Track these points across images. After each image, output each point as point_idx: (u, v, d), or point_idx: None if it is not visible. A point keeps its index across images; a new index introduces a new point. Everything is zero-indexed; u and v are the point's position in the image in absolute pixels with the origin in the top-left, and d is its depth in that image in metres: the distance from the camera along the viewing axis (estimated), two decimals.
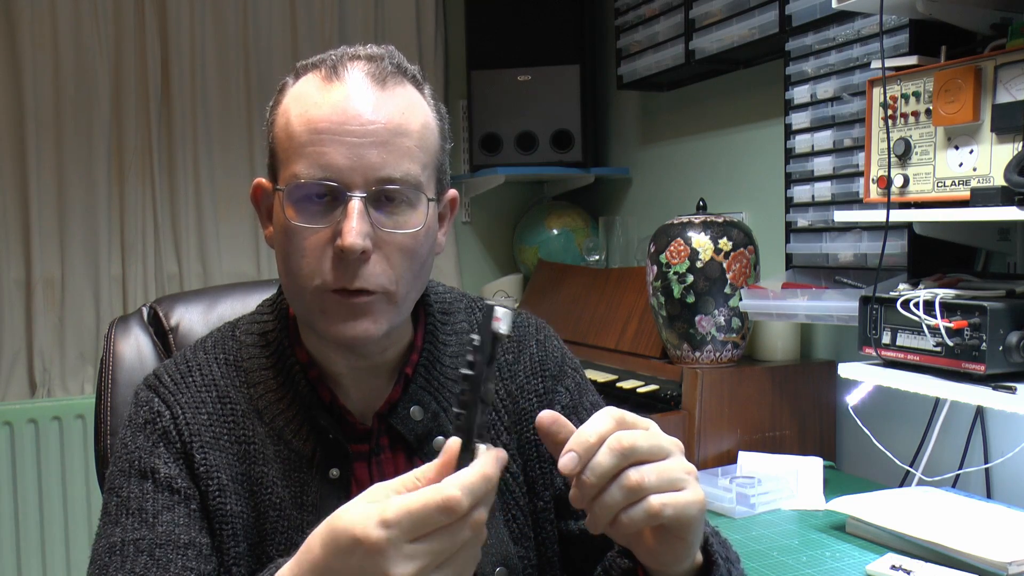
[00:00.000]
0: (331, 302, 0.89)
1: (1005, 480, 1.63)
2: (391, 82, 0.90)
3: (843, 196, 1.79)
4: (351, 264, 0.87)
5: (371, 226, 0.87)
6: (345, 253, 0.86)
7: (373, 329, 0.90)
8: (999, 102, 1.31)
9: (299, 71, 0.94)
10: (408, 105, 0.91)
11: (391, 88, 0.90)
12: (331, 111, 0.87)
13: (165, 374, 0.99)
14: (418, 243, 0.91)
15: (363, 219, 0.86)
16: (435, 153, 0.94)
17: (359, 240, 0.85)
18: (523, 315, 1.10)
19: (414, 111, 0.91)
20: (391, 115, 0.88)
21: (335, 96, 0.88)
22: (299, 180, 0.87)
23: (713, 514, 1.62)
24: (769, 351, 2.04)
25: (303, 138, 0.88)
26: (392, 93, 0.90)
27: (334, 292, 0.88)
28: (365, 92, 0.88)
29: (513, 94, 2.81)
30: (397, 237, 0.89)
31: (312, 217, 0.88)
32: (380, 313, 0.90)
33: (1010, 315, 1.29)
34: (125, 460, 0.94)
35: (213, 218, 2.79)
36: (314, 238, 0.88)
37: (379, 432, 0.97)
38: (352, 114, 0.87)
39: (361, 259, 0.87)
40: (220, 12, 2.78)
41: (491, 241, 3.21)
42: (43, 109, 2.61)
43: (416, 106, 0.92)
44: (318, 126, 0.87)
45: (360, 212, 0.86)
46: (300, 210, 0.88)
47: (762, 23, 2.02)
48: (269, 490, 0.94)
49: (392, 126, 0.88)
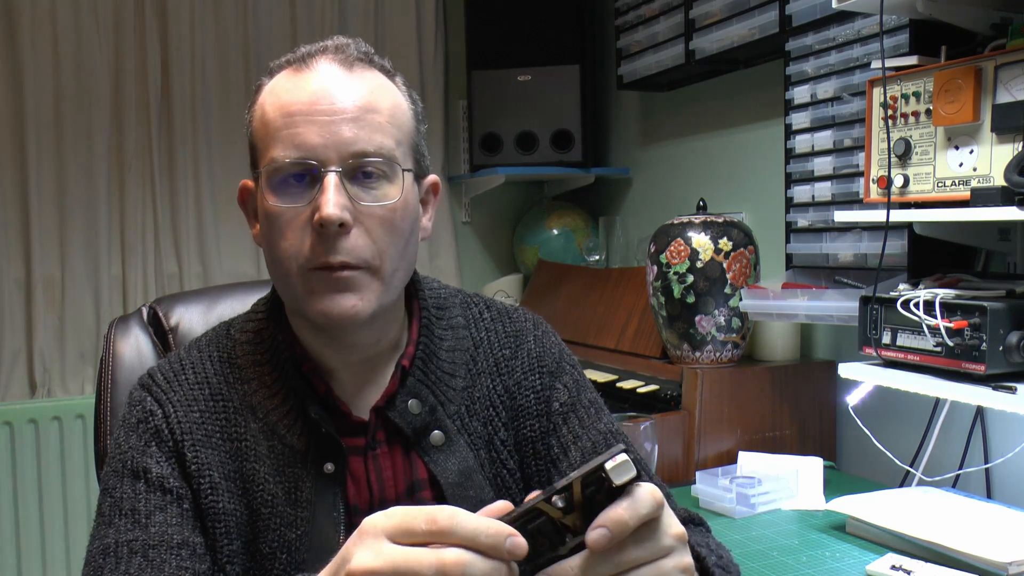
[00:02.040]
0: (315, 279, 0.90)
1: (1005, 480, 1.63)
2: (358, 67, 0.93)
3: (843, 196, 1.79)
4: (331, 239, 0.88)
5: (349, 199, 0.89)
6: (324, 227, 0.87)
7: (360, 305, 0.90)
8: (999, 102, 1.31)
9: (272, 70, 0.97)
10: (377, 87, 0.93)
11: (359, 72, 0.93)
12: (302, 95, 0.90)
13: (158, 373, 0.99)
14: (397, 216, 0.92)
15: (340, 192, 0.88)
16: (409, 132, 0.95)
17: (336, 211, 0.87)
18: (521, 311, 1.11)
19: (383, 92, 0.93)
20: (360, 94, 0.91)
21: (306, 83, 0.91)
22: (277, 163, 0.89)
23: (713, 514, 1.62)
24: (769, 351, 2.03)
25: (277, 123, 0.90)
26: (360, 76, 0.93)
27: (318, 270, 0.89)
28: (334, 75, 0.91)
29: (513, 94, 2.81)
30: (376, 210, 0.90)
31: (291, 198, 0.90)
32: (365, 288, 0.90)
33: (1010, 315, 1.29)
34: (118, 460, 0.95)
35: (213, 218, 2.79)
36: (295, 220, 0.89)
37: (375, 426, 0.98)
38: (322, 95, 0.90)
39: (341, 232, 0.88)
40: (220, 12, 2.78)
41: (491, 241, 3.21)
42: (43, 109, 2.61)
43: (385, 89, 0.94)
44: (291, 110, 0.90)
45: (336, 185, 0.88)
46: (279, 193, 0.90)
47: (762, 23, 2.02)
48: (261, 487, 0.94)
49: (362, 103, 0.90)
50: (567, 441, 1.03)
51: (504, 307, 1.10)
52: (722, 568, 0.88)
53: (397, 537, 0.63)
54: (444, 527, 0.61)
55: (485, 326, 1.06)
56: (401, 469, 0.98)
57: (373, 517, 0.65)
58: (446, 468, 0.98)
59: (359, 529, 0.65)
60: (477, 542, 0.61)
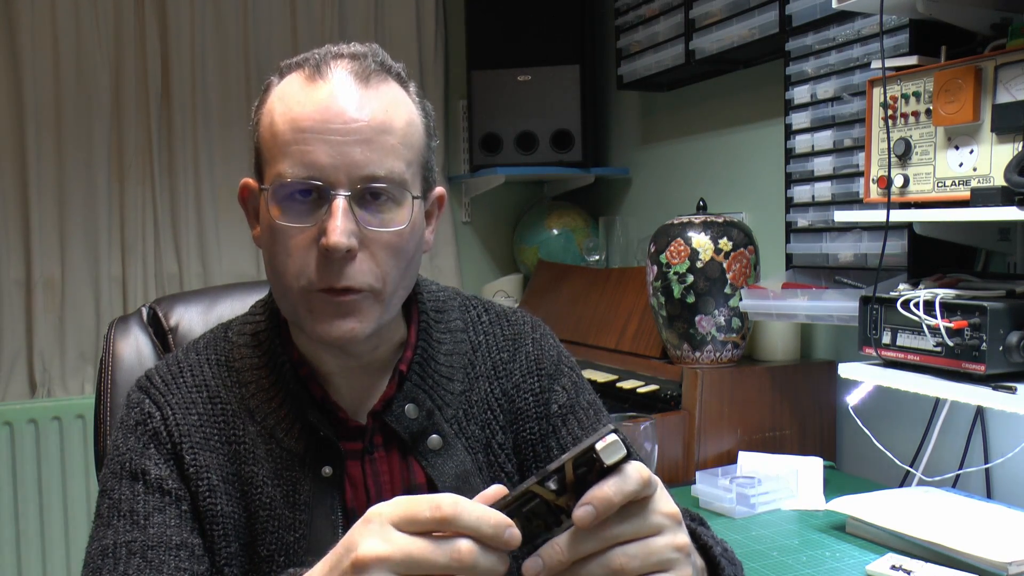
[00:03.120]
0: (317, 301, 0.89)
1: (1005, 480, 1.63)
2: (375, 80, 0.90)
3: (843, 196, 1.79)
4: (337, 263, 0.87)
5: (356, 224, 0.87)
6: (330, 252, 0.86)
7: (359, 328, 0.90)
8: (999, 102, 1.31)
9: (283, 70, 0.94)
10: (392, 102, 0.91)
11: (375, 86, 0.90)
12: (314, 110, 0.87)
13: (156, 375, 0.99)
14: (404, 241, 0.91)
15: (347, 217, 0.86)
16: (420, 150, 0.93)
17: (343, 239, 0.85)
18: (519, 313, 1.10)
19: (398, 108, 0.91)
20: (375, 112, 0.88)
21: (319, 95, 0.88)
22: (284, 179, 0.87)
23: (713, 514, 1.62)
24: (769, 351, 2.03)
25: (287, 137, 0.88)
26: (376, 91, 0.90)
27: (320, 291, 0.88)
28: (349, 90, 0.88)
29: (513, 94, 2.81)
30: (383, 235, 0.89)
31: (297, 216, 0.88)
32: (367, 312, 0.90)
33: (1010, 315, 1.29)
34: (117, 462, 0.94)
35: (213, 218, 2.79)
36: (299, 237, 0.88)
37: (373, 430, 0.97)
38: (335, 112, 0.87)
39: (347, 258, 0.87)
40: (220, 12, 2.78)
41: (491, 241, 3.21)
42: (43, 109, 2.61)
43: (400, 103, 0.92)
44: (302, 124, 0.87)
45: (344, 210, 0.86)
46: (285, 209, 0.88)
47: (762, 23, 2.02)
48: (259, 490, 0.94)
49: (376, 123, 0.88)
50: (566, 443, 1.03)
51: (502, 309, 1.10)
52: (728, 560, 0.88)
53: (402, 525, 0.64)
54: (448, 515, 0.63)
55: (483, 329, 1.06)
56: (399, 473, 0.98)
57: (378, 506, 0.65)
58: (444, 472, 0.97)
59: (363, 518, 0.65)
60: (480, 531, 0.63)
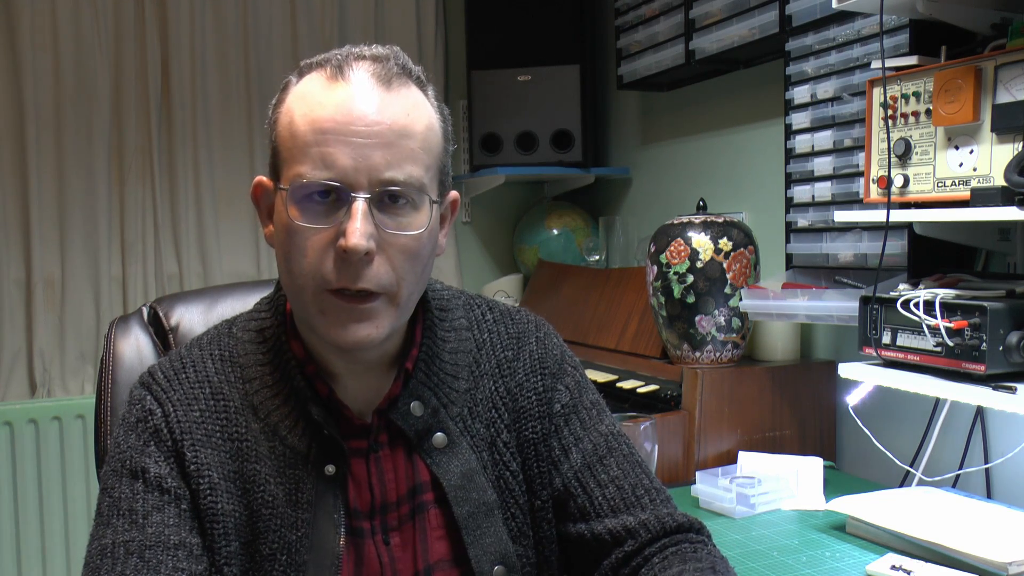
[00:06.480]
0: (331, 303, 0.89)
1: (1005, 480, 1.63)
2: (396, 83, 0.90)
3: (843, 196, 1.79)
4: (354, 265, 0.87)
5: (375, 227, 0.87)
6: (348, 254, 0.86)
7: (375, 333, 0.90)
8: (999, 102, 1.31)
9: (303, 70, 0.93)
10: (413, 106, 0.90)
11: (396, 89, 0.90)
12: (336, 111, 0.87)
13: (159, 371, 0.99)
14: (421, 245, 0.91)
15: (367, 220, 0.86)
16: (438, 155, 0.94)
17: (363, 241, 0.85)
18: (523, 312, 1.10)
19: (418, 112, 0.91)
20: (396, 116, 0.88)
21: (340, 96, 0.88)
22: (303, 180, 0.87)
23: (713, 514, 1.62)
24: (769, 351, 2.03)
25: (307, 138, 0.87)
26: (397, 94, 0.90)
27: (335, 293, 0.88)
28: (370, 92, 0.88)
29: (513, 94, 2.81)
30: (400, 239, 0.89)
31: (315, 217, 0.88)
32: (382, 316, 0.90)
33: (1010, 315, 1.29)
34: (117, 460, 0.94)
35: (213, 218, 2.79)
36: (317, 238, 0.88)
37: (378, 429, 0.97)
38: (357, 114, 0.87)
39: (364, 260, 0.87)
40: (220, 12, 2.78)
41: (491, 241, 3.21)
42: (43, 109, 2.61)
43: (420, 107, 0.92)
44: (323, 126, 0.87)
45: (364, 213, 0.86)
46: (303, 209, 0.88)
47: (762, 23, 2.02)
48: (262, 488, 0.94)
49: (397, 127, 0.88)
50: (568, 442, 1.03)
51: (506, 308, 1.10)
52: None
53: None
54: None
55: (488, 328, 1.06)
56: (403, 471, 0.98)
57: None
58: (448, 470, 0.98)
59: None
60: None
